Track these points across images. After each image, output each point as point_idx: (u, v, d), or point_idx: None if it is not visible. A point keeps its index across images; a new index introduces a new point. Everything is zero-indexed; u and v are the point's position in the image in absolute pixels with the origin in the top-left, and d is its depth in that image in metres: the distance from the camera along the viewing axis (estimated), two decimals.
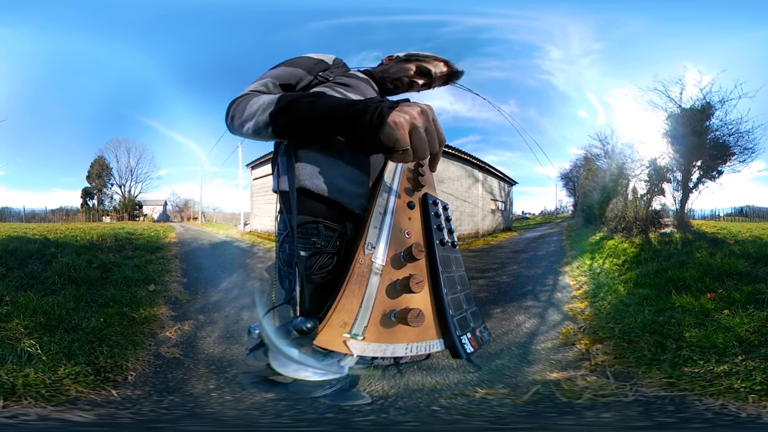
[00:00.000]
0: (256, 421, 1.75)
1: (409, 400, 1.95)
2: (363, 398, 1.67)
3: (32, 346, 2.22)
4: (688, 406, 1.74)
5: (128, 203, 13.61)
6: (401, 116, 0.69)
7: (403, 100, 0.73)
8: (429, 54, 1.23)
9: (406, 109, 0.70)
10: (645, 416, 1.70)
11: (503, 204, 13.03)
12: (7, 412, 1.70)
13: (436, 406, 1.89)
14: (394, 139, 0.69)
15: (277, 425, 1.69)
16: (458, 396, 1.98)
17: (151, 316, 3.12)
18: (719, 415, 1.65)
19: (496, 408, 1.84)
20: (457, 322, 0.81)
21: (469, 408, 1.86)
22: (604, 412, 1.75)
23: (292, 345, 0.70)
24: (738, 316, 2.50)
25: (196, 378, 2.27)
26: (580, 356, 2.50)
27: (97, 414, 1.76)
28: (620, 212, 7.15)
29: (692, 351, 2.23)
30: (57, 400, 1.85)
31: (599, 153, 8.75)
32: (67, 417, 1.71)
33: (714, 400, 1.76)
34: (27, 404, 1.77)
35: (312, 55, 1.05)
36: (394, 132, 0.68)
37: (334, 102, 0.78)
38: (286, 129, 0.83)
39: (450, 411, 1.84)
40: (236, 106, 0.90)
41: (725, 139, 6.47)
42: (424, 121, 0.70)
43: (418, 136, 0.69)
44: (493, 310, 3.50)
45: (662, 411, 1.72)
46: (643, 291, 3.38)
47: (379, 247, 0.79)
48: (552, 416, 1.76)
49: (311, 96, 0.82)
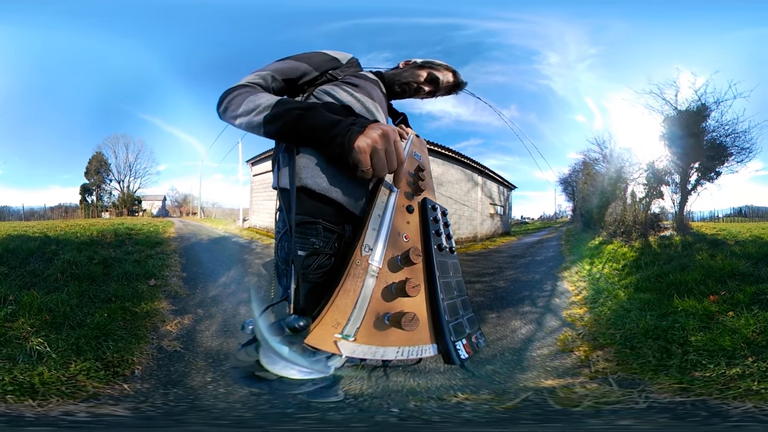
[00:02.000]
0: (241, 414, 1.76)
1: (388, 400, 1.95)
2: (337, 395, 1.69)
3: (41, 344, 2.24)
4: (719, 410, 1.71)
5: (127, 199, 13.60)
6: (364, 140, 0.77)
7: (371, 122, 0.82)
8: (442, 63, 1.27)
9: (369, 132, 0.78)
10: (678, 421, 1.68)
11: (502, 208, 13.03)
12: (41, 410, 1.73)
13: (414, 407, 1.89)
14: (357, 161, 0.78)
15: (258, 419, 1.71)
16: (434, 399, 1.98)
17: (153, 311, 3.15)
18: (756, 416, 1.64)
19: (477, 413, 1.83)
20: (453, 327, 0.80)
21: (445, 412, 1.85)
22: (618, 420, 1.72)
23: (283, 342, 0.70)
24: (743, 318, 2.49)
25: (195, 371, 2.31)
26: (578, 363, 2.48)
27: (125, 407, 1.80)
28: (619, 216, 7.15)
29: (700, 355, 2.21)
30: (80, 396, 1.88)
31: (597, 157, 8.76)
32: (95, 412, 1.74)
33: (741, 403, 1.74)
34: (56, 402, 1.79)
35: (326, 51, 1.06)
36: (357, 155, 0.77)
37: (318, 121, 0.83)
38: (278, 135, 0.88)
39: (428, 414, 1.83)
40: (232, 98, 0.91)
41: (722, 140, 6.48)
42: (384, 143, 0.78)
43: (377, 156, 0.78)
44: (489, 315, 3.49)
45: (692, 415, 1.70)
46: (644, 295, 3.36)
47: (377, 249, 0.79)
48: (538, 423, 1.75)
49: (303, 109, 0.85)
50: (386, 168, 0.79)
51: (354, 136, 0.78)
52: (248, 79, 0.97)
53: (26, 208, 11.37)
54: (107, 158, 13.51)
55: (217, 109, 0.96)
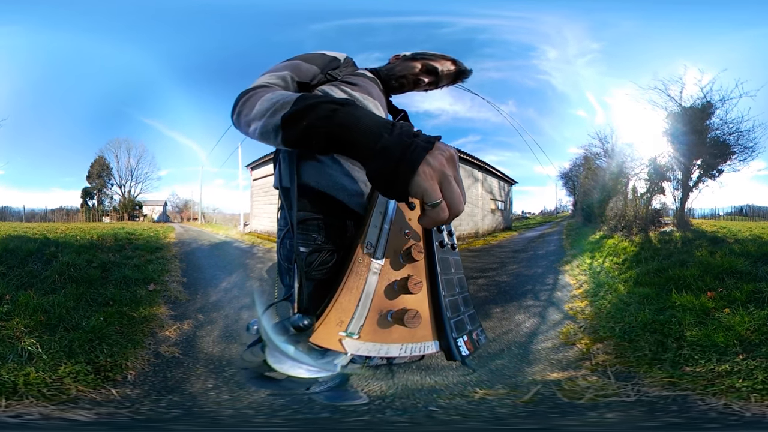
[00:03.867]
0: (250, 420, 1.75)
1: (407, 401, 1.95)
2: (360, 398, 1.66)
3: (32, 345, 2.22)
4: (691, 406, 1.73)
5: (128, 203, 13.59)
6: (433, 163, 0.55)
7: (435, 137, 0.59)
8: (436, 53, 1.21)
9: (436, 154, 0.56)
10: (650, 416, 1.70)
11: (503, 203, 13.02)
12: (10, 411, 1.70)
13: (434, 406, 1.89)
14: (422, 190, 0.55)
15: (271, 425, 1.69)
16: (457, 396, 1.98)
17: (151, 316, 3.12)
18: (724, 415, 1.65)
19: (496, 408, 1.84)
20: (454, 324, 0.81)
21: (468, 409, 1.85)
22: (608, 413, 1.74)
23: (288, 342, 0.70)
24: (738, 315, 2.50)
25: (195, 377, 2.28)
26: (580, 356, 2.49)
27: (98, 413, 1.76)
28: (620, 211, 7.15)
29: (693, 350, 2.23)
30: (58, 399, 1.85)
31: (599, 152, 8.74)
32: (69, 416, 1.71)
33: (716, 400, 1.75)
34: (29, 403, 1.77)
35: (326, 52, 1.03)
36: (423, 183, 0.54)
37: (363, 121, 0.61)
38: (300, 139, 0.66)
39: (448, 411, 1.83)
40: (246, 100, 0.79)
41: (725, 138, 6.46)
42: (453, 171, 0.57)
43: (450, 188, 0.56)
44: (493, 310, 3.50)
45: (666, 411, 1.71)
46: (643, 290, 3.38)
47: (379, 246, 0.79)
48: (554, 417, 1.76)
49: (338, 103, 0.64)
50: (462, 203, 0.57)
51: (419, 155, 0.55)
52: (264, 79, 0.87)
53: (27, 209, 11.36)
54: (109, 162, 13.50)
55: (231, 116, 0.82)
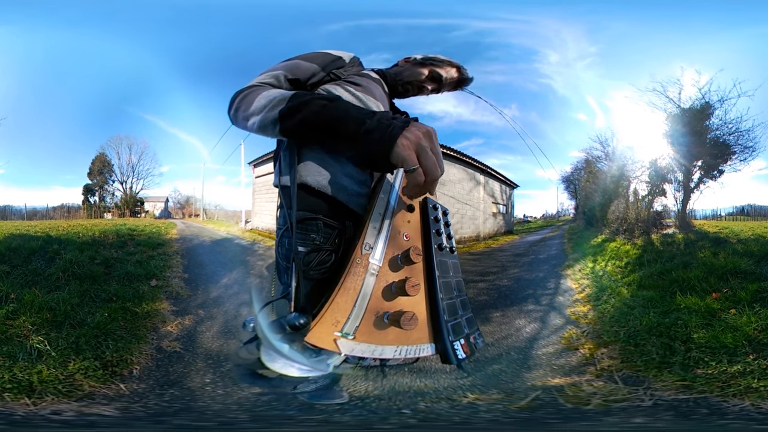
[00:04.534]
0: (236, 416, 1.76)
1: (390, 402, 1.94)
2: (342, 397, 1.67)
3: (41, 343, 2.24)
4: (719, 408, 1.72)
5: (130, 200, 13.65)
6: (409, 136, 0.69)
7: (412, 119, 0.73)
8: (444, 58, 1.22)
9: (412, 129, 0.70)
10: (683, 419, 1.68)
11: (505, 207, 13.00)
12: (38, 409, 1.73)
13: (409, 409, 1.88)
14: (401, 159, 0.68)
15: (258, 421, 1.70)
16: (443, 400, 1.96)
17: (153, 311, 3.15)
18: (755, 414, 1.64)
19: (487, 413, 1.82)
20: (451, 327, 0.80)
21: (459, 413, 1.84)
22: (631, 418, 1.72)
23: (283, 340, 0.70)
24: (745, 315, 2.49)
25: (194, 371, 2.31)
26: (584, 361, 2.47)
27: (116, 408, 1.80)
28: (622, 214, 7.13)
29: (702, 352, 2.21)
30: (75, 396, 1.88)
31: (600, 155, 8.75)
32: (93, 412, 1.75)
33: (740, 401, 1.74)
34: (51, 401, 1.80)
35: (330, 51, 1.04)
36: (401, 152, 0.68)
37: (350, 112, 0.76)
38: (294, 130, 0.81)
39: (438, 415, 1.82)
40: (243, 97, 0.87)
41: (725, 138, 6.47)
42: (429, 143, 0.70)
43: (426, 155, 0.68)
44: (493, 314, 3.48)
45: (695, 413, 1.70)
46: (647, 293, 3.35)
47: (377, 247, 0.78)
48: (555, 422, 1.74)
49: (326, 99, 0.79)
50: (438, 169, 0.69)
51: (396, 131, 0.69)
52: (259, 79, 0.93)
53: (29, 207, 11.43)
54: (110, 159, 13.56)
55: (228, 112, 0.91)
